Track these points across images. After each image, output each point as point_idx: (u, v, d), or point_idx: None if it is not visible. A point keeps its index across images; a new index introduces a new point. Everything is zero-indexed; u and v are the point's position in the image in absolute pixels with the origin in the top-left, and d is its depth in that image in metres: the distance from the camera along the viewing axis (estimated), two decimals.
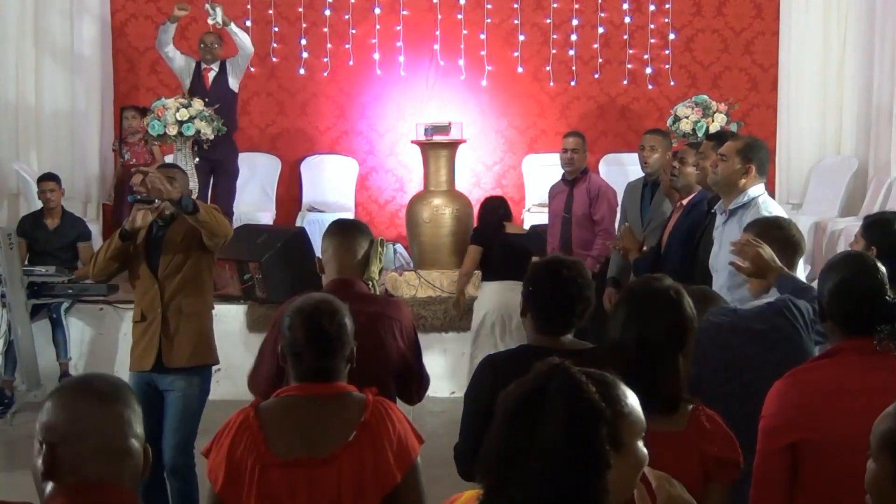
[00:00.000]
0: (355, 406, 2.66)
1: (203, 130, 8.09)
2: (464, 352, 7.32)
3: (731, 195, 4.31)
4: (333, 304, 2.77)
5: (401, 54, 9.92)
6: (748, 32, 10.12)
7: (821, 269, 2.86)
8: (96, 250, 5.00)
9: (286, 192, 9.92)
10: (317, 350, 2.69)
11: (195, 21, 9.74)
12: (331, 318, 2.71)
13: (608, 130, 9.97)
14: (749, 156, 4.29)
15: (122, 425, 1.85)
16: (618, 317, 2.52)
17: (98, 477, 1.82)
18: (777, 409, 2.68)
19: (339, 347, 2.70)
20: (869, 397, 2.15)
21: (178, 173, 4.84)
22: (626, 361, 2.43)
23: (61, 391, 1.90)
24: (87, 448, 1.82)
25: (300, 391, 2.69)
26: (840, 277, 2.72)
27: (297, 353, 2.70)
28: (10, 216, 9.19)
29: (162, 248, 4.67)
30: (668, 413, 2.46)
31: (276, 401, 2.70)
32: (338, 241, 3.69)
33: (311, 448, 2.59)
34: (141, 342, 4.70)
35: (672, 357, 2.49)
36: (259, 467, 2.55)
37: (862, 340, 2.67)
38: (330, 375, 2.70)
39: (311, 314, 2.72)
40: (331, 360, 2.70)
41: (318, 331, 2.69)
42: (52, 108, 9.51)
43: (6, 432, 6.74)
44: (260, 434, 2.58)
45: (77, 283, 7.42)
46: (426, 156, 8.19)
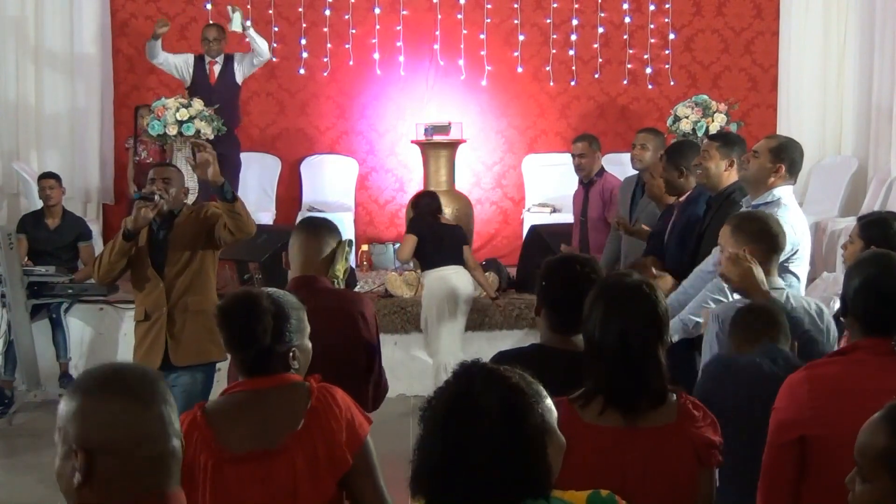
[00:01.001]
0: (300, 394, 2.65)
1: (203, 130, 8.09)
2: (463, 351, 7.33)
3: (758, 192, 4.30)
4: (252, 298, 2.74)
5: (401, 54, 9.92)
6: (748, 32, 10.12)
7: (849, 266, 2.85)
8: (98, 254, 5.00)
9: (286, 192, 9.92)
10: (237, 344, 2.70)
11: (195, 21, 9.75)
12: (246, 311, 2.70)
13: (608, 130, 9.97)
14: (781, 155, 4.30)
15: (166, 426, 1.72)
16: (595, 315, 2.50)
17: (146, 486, 1.70)
18: (788, 402, 2.69)
19: (260, 336, 2.66)
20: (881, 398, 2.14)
21: (174, 173, 4.89)
22: (611, 359, 2.45)
23: (93, 390, 1.71)
24: (132, 458, 1.68)
25: (244, 386, 2.70)
26: (866, 275, 2.71)
27: (230, 348, 2.74)
28: (10, 216, 9.19)
29: (168, 246, 4.71)
30: (657, 406, 2.47)
31: (221, 399, 2.72)
32: (304, 238, 3.72)
33: (262, 440, 2.59)
34: (145, 341, 4.74)
35: (656, 349, 2.48)
36: (212, 464, 2.56)
37: (879, 340, 2.67)
38: (268, 367, 2.69)
39: (227, 309, 2.74)
40: (255, 353, 2.67)
41: (233, 325, 2.71)
42: (52, 108, 9.50)
43: (6, 432, 6.74)
44: (209, 431, 2.58)
45: (77, 283, 7.41)
46: (426, 156, 8.21)
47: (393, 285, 7.75)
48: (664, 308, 2.53)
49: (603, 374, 2.45)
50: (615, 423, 2.41)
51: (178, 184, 4.80)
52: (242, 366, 2.71)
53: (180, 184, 4.83)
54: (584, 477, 2.37)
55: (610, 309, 2.48)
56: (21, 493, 5.66)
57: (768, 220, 3.72)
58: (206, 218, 4.74)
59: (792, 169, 4.32)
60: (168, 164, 6.25)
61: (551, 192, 9.74)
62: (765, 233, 3.64)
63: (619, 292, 2.53)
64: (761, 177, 4.31)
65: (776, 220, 3.74)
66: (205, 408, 2.67)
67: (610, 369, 2.44)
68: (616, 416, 2.42)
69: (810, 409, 2.64)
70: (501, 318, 7.40)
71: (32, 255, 7.62)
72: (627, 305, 2.48)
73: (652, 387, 2.45)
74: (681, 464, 2.47)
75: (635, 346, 2.44)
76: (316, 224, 3.85)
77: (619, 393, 2.44)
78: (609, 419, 2.41)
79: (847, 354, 2.72)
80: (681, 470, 2.47)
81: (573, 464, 2.36)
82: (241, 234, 4.69)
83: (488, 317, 7.40)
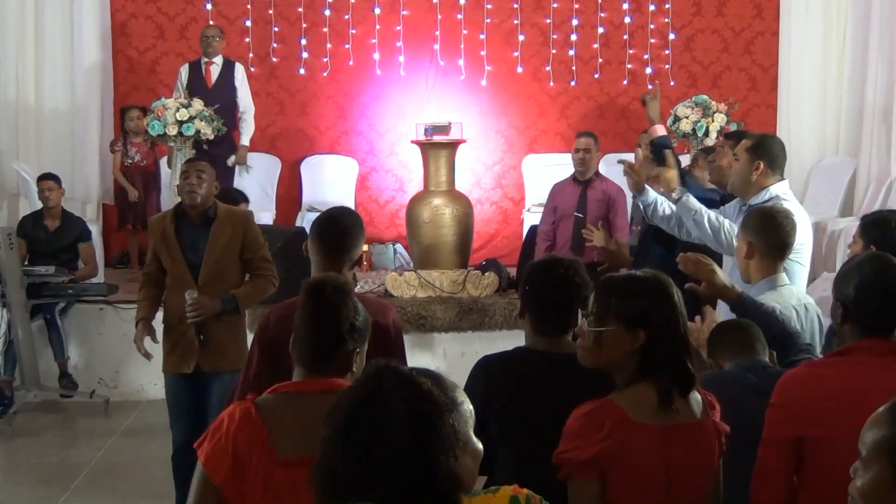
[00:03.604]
0: None
1: (203, 130, 8.09)
2: (464, 352, 7.34)
3: (748, 193, 4.30)
4: (343, 283, 2.68)
5: (401, 54, 9.92)
6: (748, 32, 10.12)
7: (841, 267, 2.85)
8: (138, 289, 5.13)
9: (286, 192, 9.92)
10: (319, 323, 2.60)
11: (195, 21, 9.76)
12: (335, 293, 2.63)
13: (608, 130, 9.96)
14: (758, 152, 4.29)
15: None
16: (629, 308, 2.49)
17: None
18: (784, 400, 2.69)
19: (342, 322, 2.59)
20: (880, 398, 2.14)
21: (207, 167, 4.93)
22: (674, 345, 2.46)
23: None
24: None
25: (297, 387, 2.63)
26: (862, 276, 2.71)
27: (300, 329, 2.62)
28: (10, 216, 9.19)
29: (203, 255, 4.77)
30: (685, 397, 2.48)
31: (273, 396, 2.63)
32: (330, 235, 3.56)
33: (311, 446, 2.55)
34: (179, 346, 4.80)
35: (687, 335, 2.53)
36: (264, 465, 2.52)
37: (878, 341, 2.67)
38: (332, 361, 2.60)
39: (317, 284, 2.65)
40: (332, 339, 2.60)
41: (322, 303, 2.60)
42: (52, 108, 9.51)
43: (6, 432, 6.74)
44: (263, 430, 2.52)
45: (77, 284, 7.42)
46: (426, 156, 8.19)
47: (393, 285, 7.75)
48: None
49: (664, 361, 2.45)
50: (660, 420, 2.43)
51: (210, 177, 4.85)
52: (310, 352, 2.60)
53: (212, 177, 4.88)
54: (632, 475, 2.40)
55: (645, 301, 2.49)
56: (21, 493, 5.66)
57: (776, 214, 3.70)
58: (245, 247, 4.84)
59: (773, 164, 4.30)
60: (199, 158, 6.27)
61: None
62: (768, 226, 3.62)
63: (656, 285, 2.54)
64: (744, 177, 4.31)
65: (785, 215, 3.70)
66: (257, 403, 2.58)
67: (673, 354, 2.46)
68: (660, 412, 2.43)
69: (808, 409, 2.65)
70: (501, 318, 7.40)
71: (32, 257, 7.62)
72: (664, 298, 2.50)
73: (691, 374, 2.48)
74: (712, 456, 2.54)
75: (676, 334, 2.48)
76: (345, 221, 3.64)
77: (680, 383, 2.45)
78: (655, 416, 2.43)
79: (846, 355, 2.71)
80: (712, 462, 2.54)
81: (624, 463, 2.38)
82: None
83: (488, 317, 7.41)
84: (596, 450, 2.37)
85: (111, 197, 9.52)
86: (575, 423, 2.42)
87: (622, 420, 2.39)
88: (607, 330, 2.48)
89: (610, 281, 2.57)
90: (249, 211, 5.07)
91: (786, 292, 3.62)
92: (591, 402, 2.44)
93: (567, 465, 2.38)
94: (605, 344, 2.49)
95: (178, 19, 9.84)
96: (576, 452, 2.37)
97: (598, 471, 2.38)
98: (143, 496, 5.46)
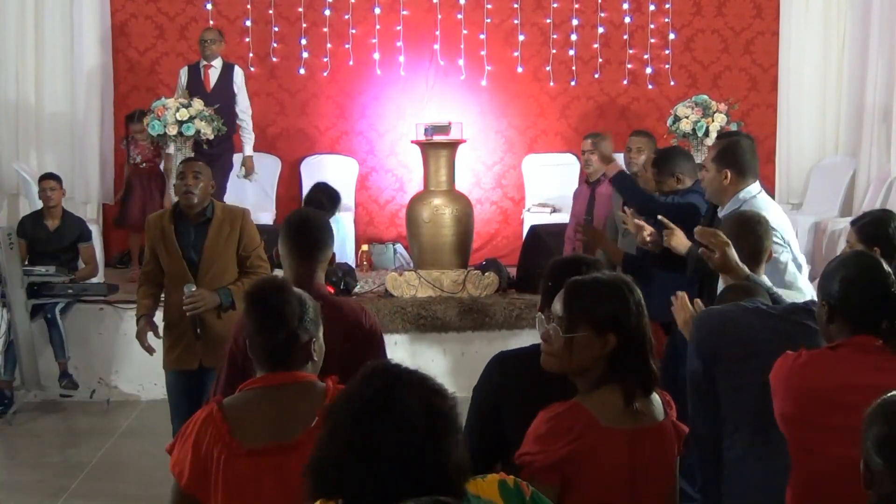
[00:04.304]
0: (317, 393, 2.66)
1: (203, 130, 8.08)
2: (464, 351, 7.34)
3: (723, 202, 4.29)
4: (281, 282, 2.80)
5: (401, 54, 9.92)
6: (748, 32, 10.12)
7: (825, 267, 2.87)
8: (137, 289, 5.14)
9: (286, 192, 9.92)
10: (265, 325, 2.67)
11: (195, 21, 9.76)
12: (276, 293, 2.71)
13: (608, 130, 9.85)
14: (723, 160, 4.26)
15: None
16: (599, 309, 2.50)
17: None
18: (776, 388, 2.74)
19: (291, 332, 2.66)
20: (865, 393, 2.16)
21: (204, 167, 4.95)
22: (640, 346, 2.48)
23: None
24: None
25: (262, 382, 2.70)
26: (850, 274, 2.73)
27: (252, 335, 2.70)
28: (10, 216, 9.19)
29: (202, 252, 4.80)
30: (647, 397, 2.50)
31: (239, 395, 2.72)
32: (298, 235, 3.57)
33: (277, 435, 2.60)
34: (180, 343, 4.84)
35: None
36: (224, 457, 2.57)
37: (865, 338, 2.69)
38: (289, 362, 2.68)
39: (258, 290, 2.74)
40: (285, 346, 2.67)
41: (264, 305, 2.68)
42: (52, 108, 9.50)
43: (6, 432, 6.74)
44: (224, 426, 2.59)
45: (77, 283, 7.42)
46: (426, 156, 8.18)
47: (393, 285, 7.75)
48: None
49: (632, 363, 2.47)
50: (627, 424, 2.44)
51: (207, 177, 4.88)
52: (267, 354, 2.69)
53: (209, 178, 4.90)
54: (597, 479, 2.40)
55: (610, 302, 2.51)
56: (21, 493, 5.66)
57: (748, 220, 3.70)
58: (242, 244, 4.84)
59: (741, 169, 4.26)
60: (196, 158, 6.29)
61: (551, 192, 9.74)
62: (742, 234, 3.63)
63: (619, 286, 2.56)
64: (715, 187, 4.31)
65: (757, 220, 3.71)
66: (221, 403, 2.67)
67: (640, 357, 2.48)
68: (627, 416, 2.44)
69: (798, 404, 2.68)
70: (502, 318, 7.40)
71: (32, 257, 7.62)
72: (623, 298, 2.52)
73: (655, 374, 2.51)
74: (672, 457, 2.56)
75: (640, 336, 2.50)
76: (314, 221, 3.67)
77: (644, 384, 2.47)
78: (622, 420, 2.44)
79: (836, 350, 2.75)
80: (672, 463, 2.57)
81: (590, 468, 2.39)
82: None
83: (489, 317, 7.41)
84: (562, 454, 2.37)
85: (111, 197, 9.52)
86: (542, 426, 2.42)
87: (591, 425, 2.39)
88: (579, 335, 2.47)
89: (577, 286, 2.55)
90: (247, 209, 5.06)
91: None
92: (558, 405, 2.44)
93: (530, 467, 2.38)
94: (575, 349, 2.47)
95: (178, 19, 9.84)
96: (541, 456, 2.38)
97: (560, 475, 2.38)
98: (143, 496, 5.46)
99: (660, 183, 5.17)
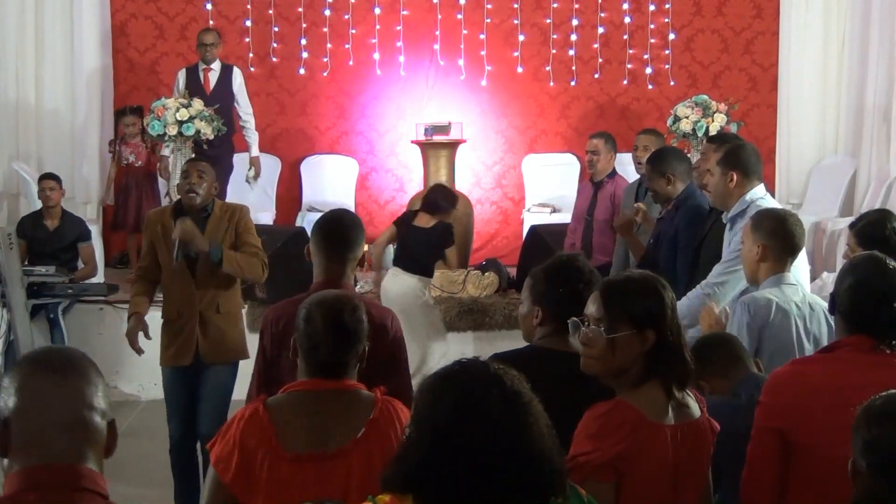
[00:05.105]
0: (364, 403, 2.66)
1: (203, 130, 8.08)
2: (464, 352, 7.33)
3: (728, 205, 4.31)
4: (354, 299, 2.78)
5: (401, 54, 9.92)
6: (748, 32, 10.12)
7: (840, 268, 2.88)
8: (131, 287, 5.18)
9: (286, 192, 9.92)
10: (335, 344, 2.67)
11: (195, 21, 9.75)
12: (352, 313, 2.71)
13: (608, 130, 9.94)
14: (729, 164, 4.28)
15: (75, 398, 1.81)
16: (635, 307, 2.51)
17: (55, 455, 1.78)
18: (771, 398, 2.73)
19: (356, 343, 2.70)
20: (864, 393, 2.18)
21: (208, 167, 4.95)
22: (678, 343, 2.50)
23: (16, 367, 1.86)
24: (37, 423, 1.78)
25: (310, 386, 2.69)
26: (857, 275, 2.75)
27: (315, 346, 2.67)
28: (10, 216, 9.19)
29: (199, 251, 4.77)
30: (684, 392, 2.51)
31: (284, 396, 2.70)
32: (332, 236, 3.54)
33: (321, 443, 2.60)
34: (177, 339, 4.85)
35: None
36: (269, 461, 2.56)
37: (862, 338, 2.71)
38: (342, 371, 2.69)
39: (333, 306, 2.71)
40: (346, 356, 2.69)
41: (338, 324, 2.67)
42: (52, 108, 9.50)
43: None
44: (270, 428, 2.58)
45: (77, 283, 7.42)
46: (426, 156, 8.21)
47: None
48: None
49: (671, 358, 2.48)
50: (670, 419, 2.45)
51: (211, 178, 4.87)
52: (321, 363, 2.68)
53: (212, 178, 4.90)
54: (645, 477, 2.40)
55: (640, 302, 2.53)
56: None
57: (788, 217, 3.73)
58: (237, 233, 4.83)
59: (746, 172, 4.28)
60: (200, 157, 6.28)
61: (551, 193, 9.74)
62: (782, 230, 3.66)
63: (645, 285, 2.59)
64: (721, 190, 4.32)
65: (796, 219, 3.74)
66: (267, 403, 2.65)
67: (676, 351, 2.49)
68: (669, 412, 2.46)
69: (793, 404, 2.68)
70: (502, 319, 7.41)
71: (32, 257, 7.62)
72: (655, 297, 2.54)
73: (690, 371, 2.53)
74: (708, 455, 2.57)
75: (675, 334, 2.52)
76: (346, 221, 3.62)
77: (680, 378, 2.49)
78: (666, 416, 2.45)
79: (831, 351, 2.76)
80: (708, 460, 2.58)
81: (640, 465, 2.39)
82: (248, 280, 4.93)
83: (489, 317, 7.41)
84: (617, 451, 2.36)
85: (111, 197, 9.52)
86: (592, 425, 2.41)
87: (640, 421, 2.40)
88: (620, 335, 2.47)
89: (612, 285, 2.57)
90: (246, 206, 5.06)
91: (789, 290, 3.66)
92: (604, 404, 2.44)
93: (584, 468, 2.34)
94: (617, 349, 2.48)
95: (178, 19, 9.84)
96: (595, 455, 2.36)
97: (616, 473, 2.37)
98: (142, 496, 5.45)
99: (651, 181, 5.14)
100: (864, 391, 2.19)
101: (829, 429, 2.57)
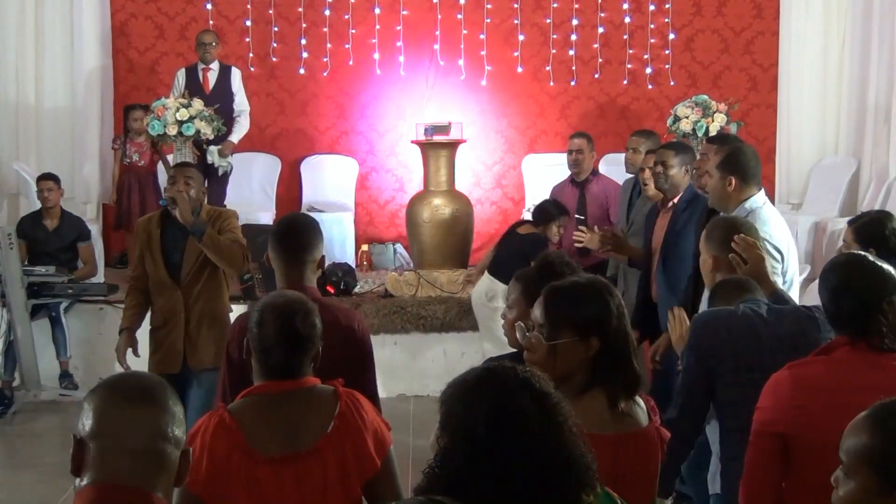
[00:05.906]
0: (327, 397, 2.66)
1: (203, 130, 8.08)
2: (464, 352, 7.34)
3: (728, 209, 4.23)
4: (307, 303, 2.76)
5: (401, 54, 9.92)
6: (748, 32, 10.12)
7: (822, 268, 2.87)
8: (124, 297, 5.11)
9: (286, 192, 9.92)
10: (287, 348, 2.66)
11: (195, 21, 9.75)
12: (304, 318, 2.70)
13: (608, 130, 9.97)
14: (728, 168, 4.23)
15: (150, 428, 1.85)
16: (583, 312, 2.48)
17: (125, 479, 1.81)
18: (771, 402, 2.74)
19: (309, 348, 2.69)
20: (861, 395, 2.17)
21: (196, 173, 4.93)
22: (625, 349, 2.49)
23: (97, 390, 1.91)
24: (111, 449, 1.83)
25: (267, 388, 2.67)
26: (842, 277, 2.75)
27: (266, 350, 2.67)
28: (10, 216, 9.19)
29: (183, 256, 4.76)
30: (631, 400, 2.49)
31: (244, 401, 2.68)
32: (287, 241, 3.53)
33: (293, 443, 2.59)
34: (163, 346, 4.82)
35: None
36: (246, 467, 2.55)
37: (857, 339, 2.71)
38: (296, 372, 2.68)
39: (284, 311, 2.70)
40: (300, 358, 2.68)
41: (290, 330, 2.66)
42: (52, 107, 9.50)
43: (6, 432, 6.74)
44: (240, 434, 2.57)
45: (77, 283, 7.42)
46: (426, 156, 8.19)
47: (393, 285, 7.75)
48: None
49: (616, 366, 2.45)
50: (612, 429, 2.42)
51: (198, 184, 4.85)
52: (273, 367, 2.67)
53: (200, 184, 4.87)
54: None
55: (596, 306, 2.50)
56: (21, 493, 5.66)
57: (739, 227, 3.64)
58: (220, 231, 4.77)
59: (746, 176, 4.22)
60: (189, 163, 6.26)
61: None
62: (730, 240, 3.58)
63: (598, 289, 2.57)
64: (719, 193, 4.26)
65: (748, 228, 3.66)
66: (230, 409, 2.64)
67: (623, 359, 2.47)
68: (611, 421, 2.43)
69: (793, 407, 2.68)
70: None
71: (32, 257, 7.62)
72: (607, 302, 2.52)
73: (638, 377, 2.51)
74: (655, 463, 2.54)
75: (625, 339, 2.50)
76: (300, 224, 3.64)
77: (628, 386, 2.46)
78: (607, 425, 2.42)
79: (829, 353, 2.76)
80: (655, 469, 2.55)
81: None
82: (224, 267, 4.77)
83: None
84: None
85: (111, 197, 9.52)
86: None
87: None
88: (561, 341, 2.44)
89: (556, 291, 2.52)
90: (234, 210, 5.05)
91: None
92: None
93: None
94: (559, 355, 2.44)
95: (178, 19, 9.84)
96: None
97: None
98: None
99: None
100: (863, 393, 2.19)
101: (829, 431, 2.57)
